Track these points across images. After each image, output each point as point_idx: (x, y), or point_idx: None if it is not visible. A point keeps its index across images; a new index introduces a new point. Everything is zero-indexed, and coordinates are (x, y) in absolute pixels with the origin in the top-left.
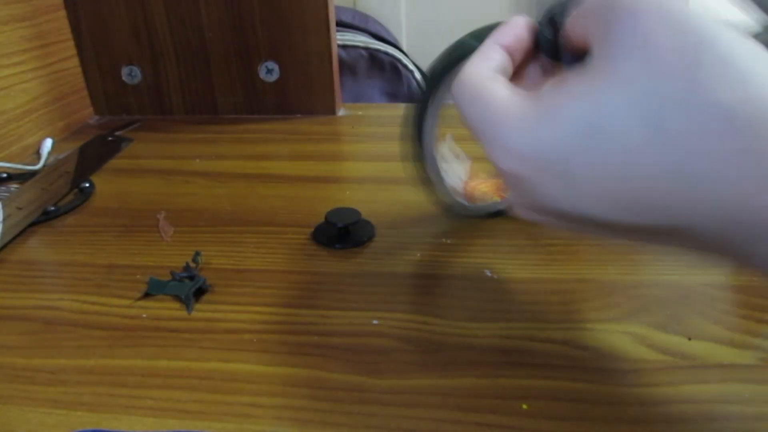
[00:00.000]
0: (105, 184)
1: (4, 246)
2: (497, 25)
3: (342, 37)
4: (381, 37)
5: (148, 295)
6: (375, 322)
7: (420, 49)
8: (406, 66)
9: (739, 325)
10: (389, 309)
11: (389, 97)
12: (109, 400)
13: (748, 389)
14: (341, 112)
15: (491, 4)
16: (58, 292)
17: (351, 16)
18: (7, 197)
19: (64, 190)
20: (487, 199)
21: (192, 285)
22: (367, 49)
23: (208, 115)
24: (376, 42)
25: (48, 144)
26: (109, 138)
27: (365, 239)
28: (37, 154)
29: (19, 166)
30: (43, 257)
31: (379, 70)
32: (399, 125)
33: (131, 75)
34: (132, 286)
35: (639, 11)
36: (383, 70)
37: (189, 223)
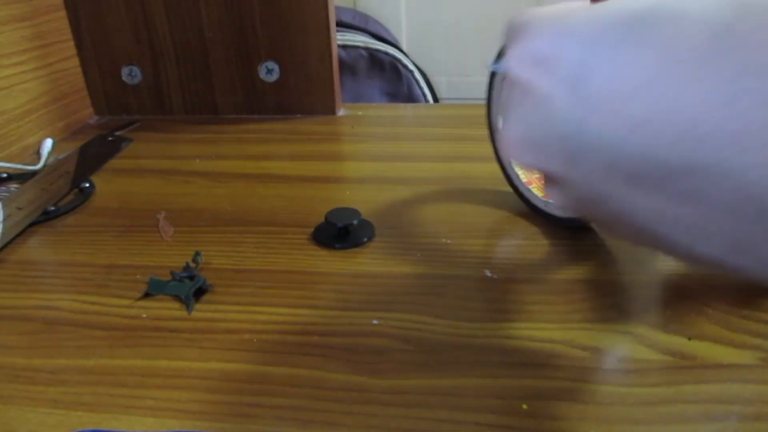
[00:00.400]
0: (105, 184)
1: (4, 246)
2: None
3: (342, 37)
4: (381, 37)
5: (148, 295)
6: (375, 322)
7: (420, 49)
8: (406, 66)
9: (739, 325)
10: (389, 309)
11: (389, 97)
12: (109, 400)
13: (748, 389)
14: (341, 112)
15: (491, 4)
16: (58, 292)
17: (351, 16)
18: (7, 197)
19: (64, 190)
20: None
21: (192, 285)
22: (367, 49)
23: (208, 115)
24: (376, 42)
25: (48, 144)
26: (109, 138)
27: (365, 239)
28: (37, 154)
29: (19, 166)
30: (43, 257)
31: (379, 70)
32: (399, 125)
33: (131, 75)
34: (132, 286)
35: None
36: (383, 70)
37: (189, 223)
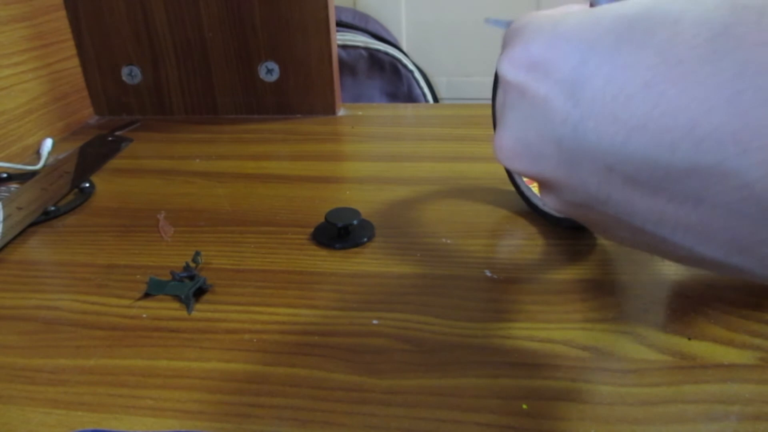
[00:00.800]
0: (105, 184)
1: (4, 246)
2: None
3: (342, 37)
4: (381, 37)
5: (148, 295)
6: (375, 322)
7: (420, 49)
8: (406, 66)
9: (739, 325)
10: (389, 309)
11: (389, 97)
12: (109, 400)
13: (748, 389)
14: (341, 112)
15: (491, 4)
16: (58, 292)
17: (351, 16)
18: (7, 197)
19: (64, 190)
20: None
21: (192, 285)
22: (367, 49)
23: (208, 115)
24: (376, 42)
25: (48, 144)
26: (109, 138)
27: (365, 239)
28: (37, 154)
29: (19, 166)
30: (43, 257)
31: (379, 70)
32: (399, 125)
33: (131, 75)
34: (132, 286)
35: None
36: (383, 70)
37: (189, 223)
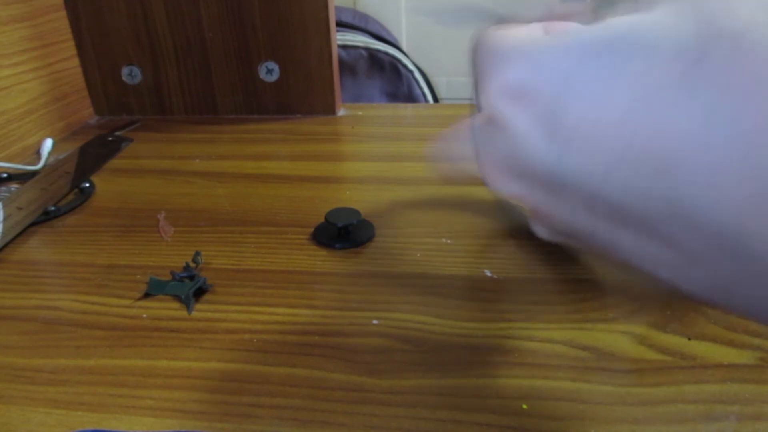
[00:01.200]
0: (105, 184)
1: (4, 246)
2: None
3: (342, 37)
4: (381, 37)
5: (148, 295)
6: (375, 322)
7: (420, 49)
8: (406, 66)
9: (739, 325)
10: (389, 309)
11: (389, 97)
12: (109, 400)
13: (748, 389)
14: (341, 112)
15: (491, 4)
16: (58, 292)
17: (351, 16)
18: (7, 197)
19: (64, 190)
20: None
21: (192, 285)
22: (367, 49)
23: (208, 115)
24: (376, 42)
25: (48, 144)
26: (109, 138)
27: (365, 239)
28: (37, 154)
29: (19, 166)
30: (43, 257)
31: (379, 70)
32: (399, 125)
33: (131, 75)
34: (132, 286)
35: None
36: (383, 70)
37: (189, 223)
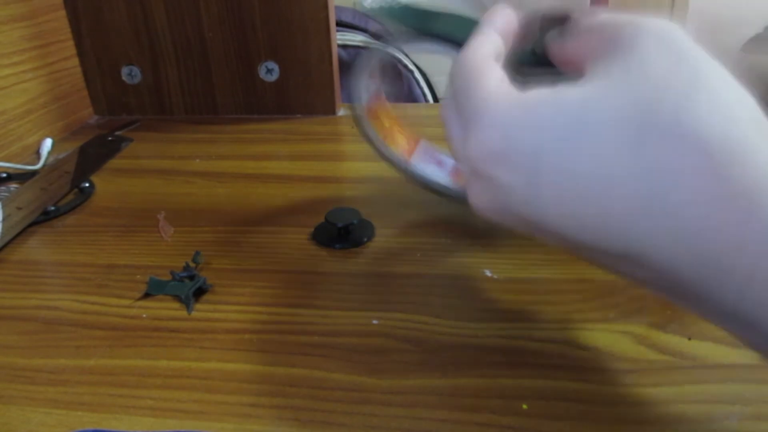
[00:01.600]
0: (105, 184)
1: (4, 246)
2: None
3: (342, 37)
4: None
5: (148, 295)
6: (375, 322)
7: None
8: (406, 66)
9: None
10: (389, 309)
11: (389, 97)
12: (109, 400)
13: (748, 389)
14: (341, 112)
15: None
16: (58, 292)
17: (351, 16)
18: (6, 197)
19: (64, 190)
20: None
21: (192, 285)
22: (368, 49)
23: (208, 115)
24: (376, 42)
25: (48, 144)
26: (109, 138)
27: (365, 239)
28: (36, 154)
29: (19, 166)
30: (43, 257)
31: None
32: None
33: (131, 75)
34: (132, 286)
35: (643, 32)
36: (383, 70)
37: (189, 223)
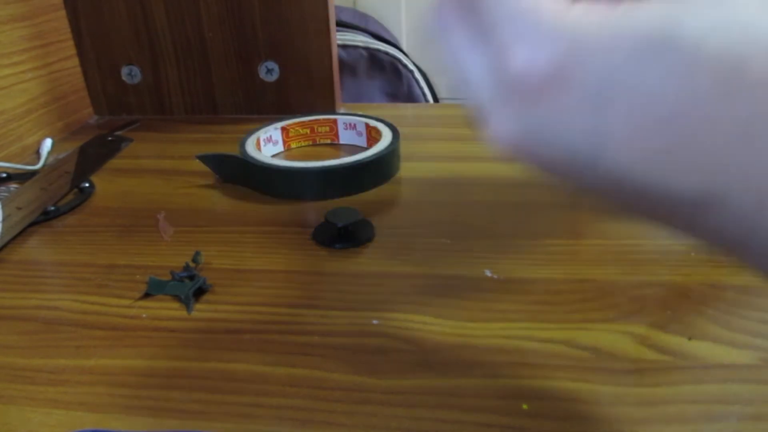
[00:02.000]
0: (105, 184)
1: (4, 246)
2: None
3: (342, 37)
4: (381, 37)
5: (148, 295)
6: (375, 322)
7: (420, 49)
8: (406, 66)
9: (739, 325)
10: (389, 309)
11: (389, 97)
12: (109, 400)
13: (748, 389)
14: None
15: None
16: (58, 292)
17: (351, 16)
18: (6, 197)
19: (64, 190)
20: None
21: (192, 285)
22: (367, 49)
23: (208, 115)
24: (376, 42)
25: (48, 144)
26: (109, 138)
27: (365, 239)
28: (36, 154)
29: (19, 166)
30: (43, 257)
31: (379, 70)
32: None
33: (131, 75)
34: (132, 286)
35: None
36: (383, 70)
37: (189, 223)
